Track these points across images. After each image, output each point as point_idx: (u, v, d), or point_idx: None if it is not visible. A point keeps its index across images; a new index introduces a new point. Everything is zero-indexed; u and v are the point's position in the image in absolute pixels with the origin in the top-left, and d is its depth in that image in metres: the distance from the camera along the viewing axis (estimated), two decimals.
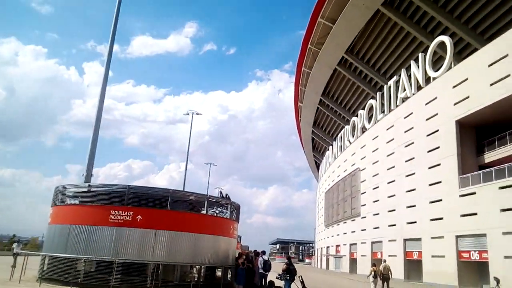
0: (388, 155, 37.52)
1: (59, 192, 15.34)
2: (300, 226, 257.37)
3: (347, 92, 51.18)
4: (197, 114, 44.35)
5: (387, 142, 37.94)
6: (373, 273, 18.34)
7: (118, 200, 14.01)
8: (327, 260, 60.71)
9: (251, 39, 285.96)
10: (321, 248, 67.54)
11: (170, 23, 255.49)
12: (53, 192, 15.66)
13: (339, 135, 55.92)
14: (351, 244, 46.63)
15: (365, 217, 42.29)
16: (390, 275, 18.76)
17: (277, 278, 14.54)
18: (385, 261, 20.54)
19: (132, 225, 13.50)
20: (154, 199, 15.03)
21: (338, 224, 53.41)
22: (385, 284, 18.27)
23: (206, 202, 15.70)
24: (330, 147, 61.98)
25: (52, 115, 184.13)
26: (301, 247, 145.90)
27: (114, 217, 13.48)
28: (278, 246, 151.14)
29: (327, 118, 61.66)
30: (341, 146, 54.70)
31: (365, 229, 41.85)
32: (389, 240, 35.49)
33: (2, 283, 13.58)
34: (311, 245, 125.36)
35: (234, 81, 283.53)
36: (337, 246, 53.17)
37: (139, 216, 13.59)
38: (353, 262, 45.56)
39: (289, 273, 13.58)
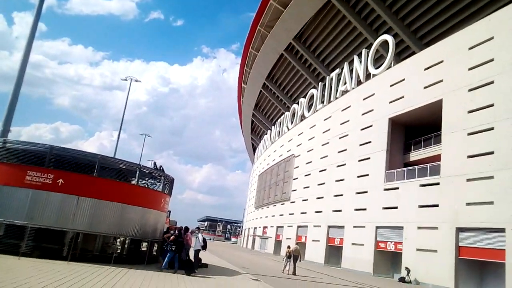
0: (322, 145, 38.67)
1: None
2: (230, 205, 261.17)
3: (291, 79, 51.78)
4: (136, 81, 42.39)
5: (323, 132, 39.03)
6: (287, 254, 20.71)
7: (38, 160, 12.77)
8: (253, 240, 62.00)
9: (200, 14, 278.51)
10: (249, 228, 68.79)
11: None
12: None
13: (279, 121, 56.63)
14: (278, 227, 47.87)
15: (294, 201, 43.50)
16: (300, 256, 21.46)
17: (164, 247, 14.41)
18: (297, 243, 22.95)
19: (52, 188, 12.43)
20: (80, 164, 13.88)
21: (268, 207, 54.51)
22: (295, 263, 20.80)
23: (138, 172, 14.88)
24: (269, 131, 62.65)
25: None
26: (228, 226, 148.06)
27: (32, 178, 12.30)
28: (206, 223, 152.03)
29: (268, 102, 62.11)
30: (279, 131, 55.48)
31: (293, 213, 43.09)
32: (314, 226, 36.86)
33: None
34: (238, 224, 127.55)
35: (178, 54, 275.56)
36: (265, 227, 54.37)
37: (60, 180, 12.54)
38: (278, 244, 46.87)
39: (176, 245, 13.47)
